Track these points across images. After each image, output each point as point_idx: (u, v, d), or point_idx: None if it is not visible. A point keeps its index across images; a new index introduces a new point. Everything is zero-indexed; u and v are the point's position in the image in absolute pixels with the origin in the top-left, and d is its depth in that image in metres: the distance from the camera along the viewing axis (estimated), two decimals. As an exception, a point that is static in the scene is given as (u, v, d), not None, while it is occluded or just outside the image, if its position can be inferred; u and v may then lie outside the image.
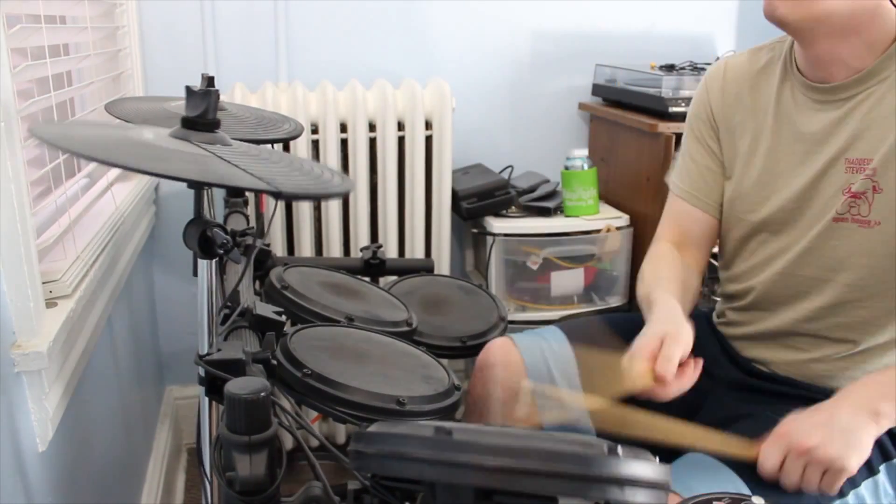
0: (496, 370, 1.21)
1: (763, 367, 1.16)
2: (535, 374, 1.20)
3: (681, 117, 1.62)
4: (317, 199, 1.73)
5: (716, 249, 1.29)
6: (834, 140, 1.05)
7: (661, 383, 0.97)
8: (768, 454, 0.92)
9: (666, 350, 0.98)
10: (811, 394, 1.05)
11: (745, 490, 0.92)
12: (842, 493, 0.97)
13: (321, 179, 0.76)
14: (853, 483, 0.98)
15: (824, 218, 1.06)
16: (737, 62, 1.20)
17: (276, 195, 0.66)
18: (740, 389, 1.15)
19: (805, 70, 1.09)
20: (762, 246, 1.15)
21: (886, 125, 1.00)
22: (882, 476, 1.01)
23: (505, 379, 1.20)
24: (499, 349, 1.22)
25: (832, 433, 0.90)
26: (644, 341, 1.00)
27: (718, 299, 1.29)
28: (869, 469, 0.99)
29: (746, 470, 0.94)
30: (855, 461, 0.90)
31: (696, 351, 1.23)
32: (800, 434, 0.91)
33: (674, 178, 1.27)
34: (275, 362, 0.87)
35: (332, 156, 1.78)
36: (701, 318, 1.31)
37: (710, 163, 1.21)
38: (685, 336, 1.01)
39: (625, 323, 1.29)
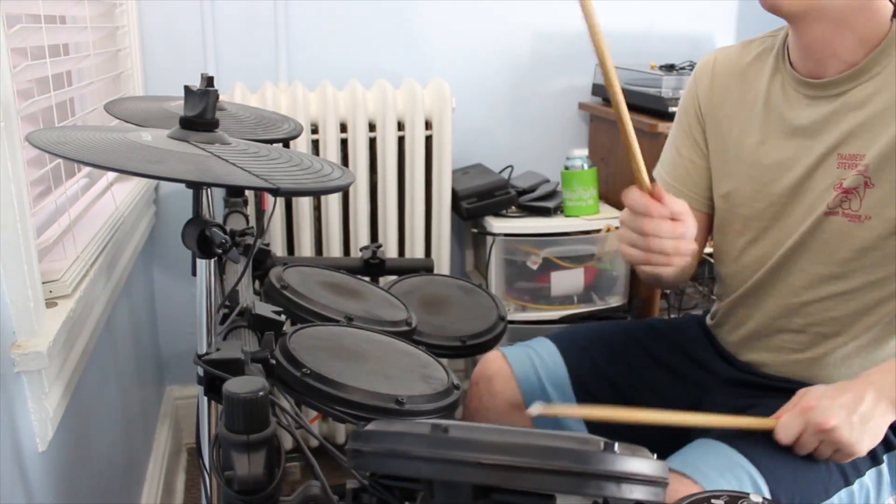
0: (490, 384, 1.24)
1: (759, 370, 1.16)
2: (526, 386, 1.22)
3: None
4: (316, 194, 1.73)
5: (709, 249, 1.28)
6: (826, 135, 1.05)
7: (655, 197, 0.99)
8: (788, 426, 0.94)
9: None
10: None
11: (755, 472, 0.94)
12: (847, 482, 0.98)
13: (320, 174, 0.76)
14: (857, 472, 0.99)
15: (815, 212, 1.06)
16: (727, 54, 1.20)
17: (274, 192, 0.67)
18: (739, 386, 1.16)
19: (797, 64, 1.09)
20: (754, 241, 1.14)
21: (881, 121, 1.00)
22: (885, 466, 1.03)
23: (498, 392, 1.23)
24: (491, 363, 1.25)
25: (852, 417, 0.91)
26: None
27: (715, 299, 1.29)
28: (873, 459, 1.01)
29: (755, 453, 0.95)
30: (867, 446, 0.93)
31: (691, 354, 1.24)
32: (821, 413, 0.92)
33: (659, 169, 1.26)
34: (274, 362, 0.87)
35: (332, 156, 1.78)
36: (694, 322, 1.31)
37: (694, 156, 1.21)
38: (692, 220, 1.00)
39: (616, 333, 1.30)
